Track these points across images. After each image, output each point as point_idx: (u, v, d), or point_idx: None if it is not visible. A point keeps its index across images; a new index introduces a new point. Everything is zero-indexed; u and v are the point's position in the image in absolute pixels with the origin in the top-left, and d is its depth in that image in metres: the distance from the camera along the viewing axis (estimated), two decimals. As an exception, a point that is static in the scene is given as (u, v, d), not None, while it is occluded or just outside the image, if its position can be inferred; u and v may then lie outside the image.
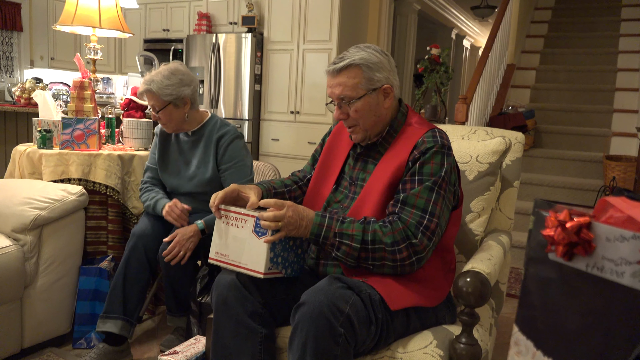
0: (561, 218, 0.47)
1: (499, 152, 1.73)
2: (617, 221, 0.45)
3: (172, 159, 2.16)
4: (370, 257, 1.28)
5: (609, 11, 5.98)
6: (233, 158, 2.08)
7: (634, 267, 0.43)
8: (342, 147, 1.55)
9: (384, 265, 1.29)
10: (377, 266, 1.29)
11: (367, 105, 1.37)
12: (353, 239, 1.27)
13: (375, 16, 5.17)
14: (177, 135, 2.18)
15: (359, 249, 1.27)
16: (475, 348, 1.25)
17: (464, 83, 8.86)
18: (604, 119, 4.80)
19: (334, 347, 1.15)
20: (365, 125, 1.40)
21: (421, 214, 1.30)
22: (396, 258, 1.27)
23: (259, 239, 1.29)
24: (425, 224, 1.29)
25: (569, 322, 0.47)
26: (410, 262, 1.28)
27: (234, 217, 1.34)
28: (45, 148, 2.29)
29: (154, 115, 2.05)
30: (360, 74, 1.35)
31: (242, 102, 4.95)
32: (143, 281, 2.03)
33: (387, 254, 1.27)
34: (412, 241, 1.28)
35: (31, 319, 1.97)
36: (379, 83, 1.38)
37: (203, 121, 2.14)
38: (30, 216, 1.92)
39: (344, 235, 1.28)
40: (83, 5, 2.52)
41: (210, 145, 2.09)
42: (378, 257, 1.28)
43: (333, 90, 1.39)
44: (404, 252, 1.27)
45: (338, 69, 1.36)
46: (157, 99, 2.00)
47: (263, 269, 1.28)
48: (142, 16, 6.13)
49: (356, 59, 1.35)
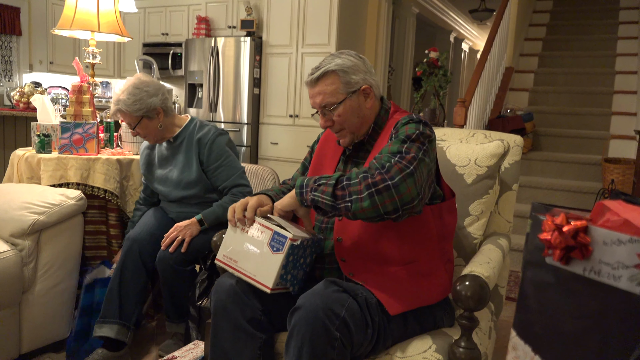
0: (558, 222, 0.47)
1: (498, 155, 1.73)
2: (613, 225, 0.45)
3: (158, 170, 2.17)
4: (347, 193, 1.20)
5: (606, 14, 6.00)
6: (220, 156, 2.08)
7: (631, 271, 0.43)
8: (333, 153, 1.56)
9: (361, 199, 1.18)
10: (354, 201, 1.19)
11: (349, 109, 1.39)
12: (329, 179, 1.25)
13: (374, 19, 5.18)
14: (158, 146, 2.19)
15: (334, 186, 1.22)
16: (474, 352, 1.24)
17: (463, 86, 8.88)
18: (603, 122, 4.81)
19: (330, 351, 1.15)
20: (351, 128, 1.42)
21: (396, 152, 1.25)
22: (369, 183, 1.18)
23: (273, 254, 1.27)
24: (401, 155, 1.23)
25: (567, 326, 0.46)
26: (385, 185, 1.17)
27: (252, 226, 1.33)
28: (43, 152, 2.29)
29: (132, 132, 2.06)
30: (337, 80, 1.38)
31: (241, 105, 4.96)
32: (140, 285, 2.02)
33: (361, 185, 1.19)
34: (386, 165, 1.20)
35: (29, 324, 1.96)
36: (357, 85, 1.40)
37: (182, 126, 2.14)
38: (29, 221, 1.92)
39: (322, 178, 1.26)
40: (82, 9, 2.52)
41: (192, 147, 2.09)
42: (353, 191, 1.20)
43: (314, 100, 1.41)
44: (377, 177, 1.19)
45: (315, 79, 1.39)
46: (130, 116, 2.00)
47: (272, 284, 1.26)
48: (141, 20, 6.14)
49: (331, 65, 1.38)
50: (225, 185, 2.08)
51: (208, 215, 2.01)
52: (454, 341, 1.28)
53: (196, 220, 1.99)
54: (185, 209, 2.12)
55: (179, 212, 2.13)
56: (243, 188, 2.09)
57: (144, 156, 2.23)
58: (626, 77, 5.05)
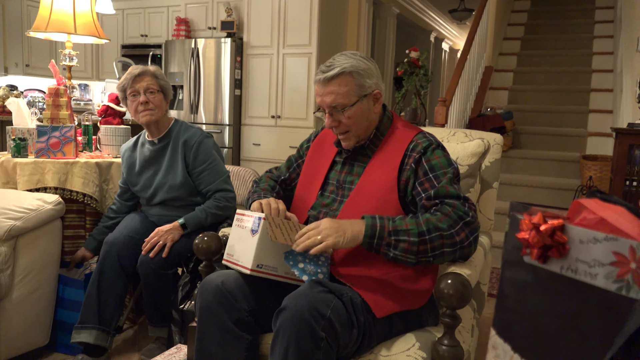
0: (535, 221, 0.47)
1: (478, 154, 1.75)
2: (590, 223, 0.46)
3: (141, 172, 2.14)
4: (429, 248, 1.24)
5: (583, 13, 6.11)
6: (206, 159, 2.07)
7: (607, 269, 0.43)
8: (327, 155, 1.56)
9: (444, 254, 1.26)
10: (437, 256, 1.26)
11: (359, 112, 1.39)
12: (409, 233, 1.24)
13: (355, 20, 5.19)
14: (142, 146, 2.17)
15: (418, 243, 1.23)
16: (457, 349, 1.25)
17: (444, 86, 8.95)
18: (581, 120, 4.89)
19: (315, 351, 1.14)
20: (358, 131, 1.42)
21: (458, 197, 1.31)
22: (455, 241, 1.25)
23: (252, 237, 1.32)
24: (468, 204, 1.31)
25: (545, 324, 0.47)
26: (469, 242, 1.27)
27: (241, 219, 1.40)
28: (19, 157, 2.24)
29: (142, 98, 2.00)
30: (351, 82, 1.36)
31: (222, 107, 4.92)
32: (119, 289, 2.00)
33: (446, 239, 1.24)
34: (467, 220, 1.26)
35: (7, 332, 1.92)
36: (370, 89, 1.40)
37: (168, 127, 2.13)
38: (5, 227, 1.88)
39: (400, 232, 1.24)
40: (57, 10, 2.47)
41: (177, 149, 2.08)
42: (437, 245, 1.24)
43: (324, 99, 1.38)
44: (461, 233, 1.25)
45: (329, 78, 1.36)
46: (154, 82, 2.03)
47: (250, 264, 1.30)
48: (119, 22, 6.06)
49: (347, 66, 1.36)
50: (209, 189, 2.06)
51: (190, 219, 1.99)
52: (437, 339, 1.29)
53: (178, 225, 1.97)
54: (167, 212, 2.09)
55: (160, 215, 2.11)
56: (226, 193, 2.07)
57: (125, 158, 2.20)
58: (603, 75, 5.15)
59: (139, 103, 2.01)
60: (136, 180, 2.15)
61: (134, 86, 2.01)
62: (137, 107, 2.02)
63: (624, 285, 0.42)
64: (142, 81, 2.02)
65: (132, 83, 2.01)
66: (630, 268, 0.42)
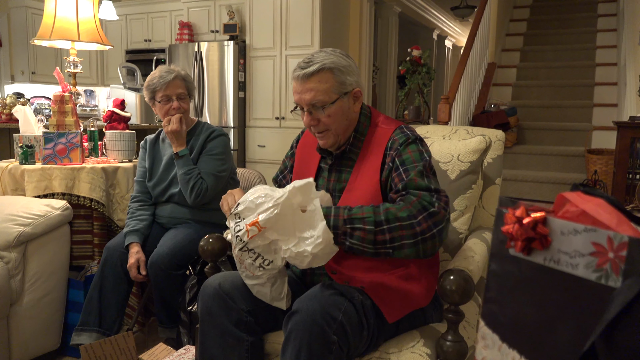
0: (518, 214, 0.49)
1: (480, 151, 1.75)
2: (572, 215, 0.47)
3: (163, 167, 2.16)
4: (388, 238, 1.18)
5: (585, 7, 6.09)
6: (213, 148, 2.12)
7: (587, 259, 0.45)
8: (312, 161, 1.52)
9: (404, 246, 1.18)
10: (396, 248, 1.19)
11: (339, 110, 1.33)
12: (365, 221, 1.19)
13: (357, 19, 5.21)
14: (162, 142, 2.20)
15: (374, 232, 1.18)
16: (461, 345, 1.26)
17: (447, 83, 8.94)
18: (585, 114, 4.88)
19: (327, 355, 1.14)
20: (338, 130, 1.36)
21: (428, 189, 1.25)
22: (416, 232, 1.17)
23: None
24: (437, 195, 1.24)
25: (530, 314, 0.48)
26: (432, 234, 1.18)
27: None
28: (27, 164, 2.28)
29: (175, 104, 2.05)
30: (331, 78, 1.31)
31: (226, 109, 4.95)
32: (121, 293, 2.03)
33: (405, 230, 1.17)
34: (431, 210, 1.19)
35: (18, 336, 1.95)
36: (351, 87, 1.35)
37: (191, 125, 2.18)
38: (14, 233, 1.91)
39: (355, 219, 1.20)
40: (61, 18, 2.51)
41: (197, 147, 2.13)
42: (397, 236, 1.18)
43: (302, 96, 1.33)
44: (423, 224, 1.18)
45: (309, 74, 1.30)
46: (184, 86, 2.09)
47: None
48: (123, 27, 6.11)
49: (327, 62, 1.30)
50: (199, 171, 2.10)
51: (187, 160, 2.06)
52: (441, 335, 1.30)
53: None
54: (178, 209, 2.11)
55: (170, 215, 2.13)
56: (205, 184, 2.06)
57: (150, 153, 2.19)
58: (607, 69, 5.13)
59: (172, 108, 2.06)
60: (156, 176, 2.16)
61: (167, 92, 2.05)
62: (168, 111, 2.06)
63: (603, 274, 0.44)
64: (174, 86, 2.06)
65: (165, 88, 2.04)
66: (609, 257, 0.43)
